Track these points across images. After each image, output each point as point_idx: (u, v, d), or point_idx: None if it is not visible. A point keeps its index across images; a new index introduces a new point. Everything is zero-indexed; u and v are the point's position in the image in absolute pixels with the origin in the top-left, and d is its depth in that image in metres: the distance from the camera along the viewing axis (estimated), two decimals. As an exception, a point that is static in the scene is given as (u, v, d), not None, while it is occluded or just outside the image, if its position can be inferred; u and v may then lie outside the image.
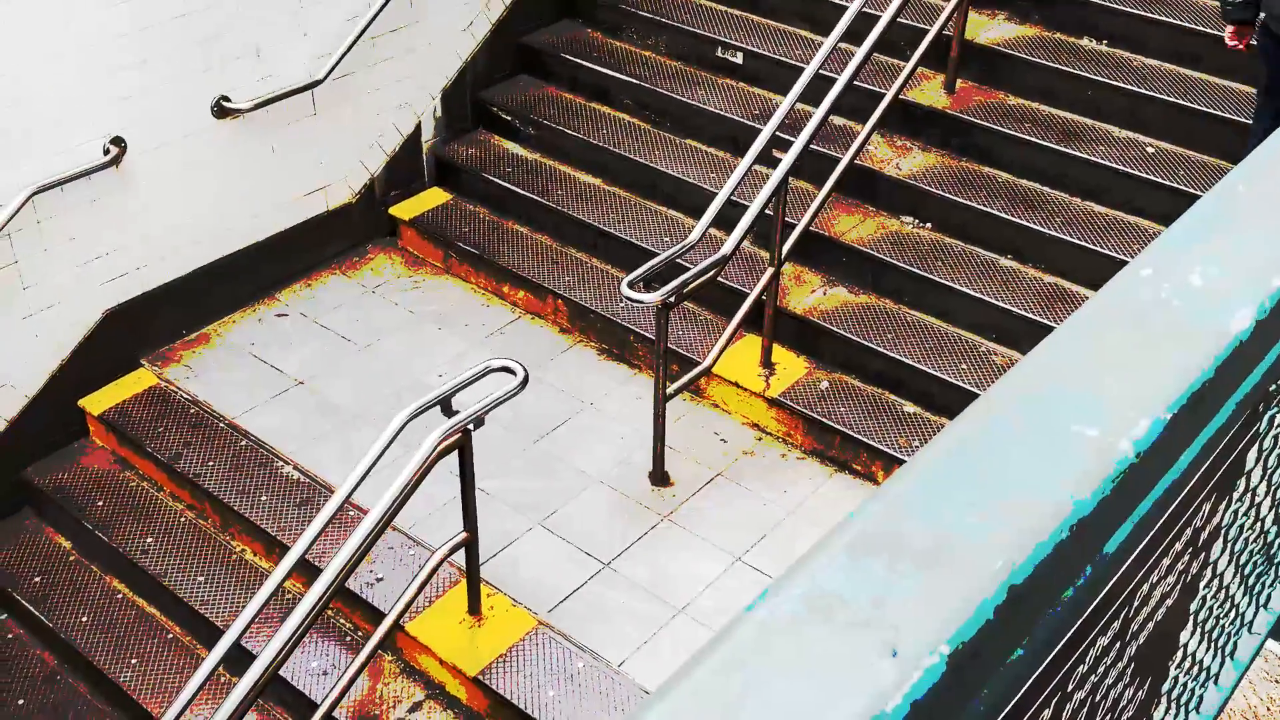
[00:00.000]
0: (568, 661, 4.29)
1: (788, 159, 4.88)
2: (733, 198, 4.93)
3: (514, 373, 4.08)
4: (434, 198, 6.46)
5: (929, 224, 5.64)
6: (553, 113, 6.50)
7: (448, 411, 3.95)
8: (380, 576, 4.58)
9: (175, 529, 5.05)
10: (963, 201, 5.53)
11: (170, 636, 4.82)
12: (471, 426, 3.95)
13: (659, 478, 4.99)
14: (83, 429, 5.46)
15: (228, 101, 5.50)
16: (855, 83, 5.22)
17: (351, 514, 4.58)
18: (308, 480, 5.02)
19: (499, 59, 6.69)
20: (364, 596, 4.52)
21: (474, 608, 4.42)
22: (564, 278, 5.88)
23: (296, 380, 5.52)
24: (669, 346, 4.86)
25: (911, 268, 5.40)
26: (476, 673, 4.26)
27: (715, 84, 6.36)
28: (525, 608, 4.47)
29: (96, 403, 5.40)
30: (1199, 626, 1.60)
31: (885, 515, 0.84)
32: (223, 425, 5.29)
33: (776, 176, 4.84)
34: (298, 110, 5.81)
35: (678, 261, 4.79)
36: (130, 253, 5.41)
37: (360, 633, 4.58)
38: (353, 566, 3.65)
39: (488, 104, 6.62)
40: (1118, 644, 1.19)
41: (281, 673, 3.88)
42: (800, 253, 5.50)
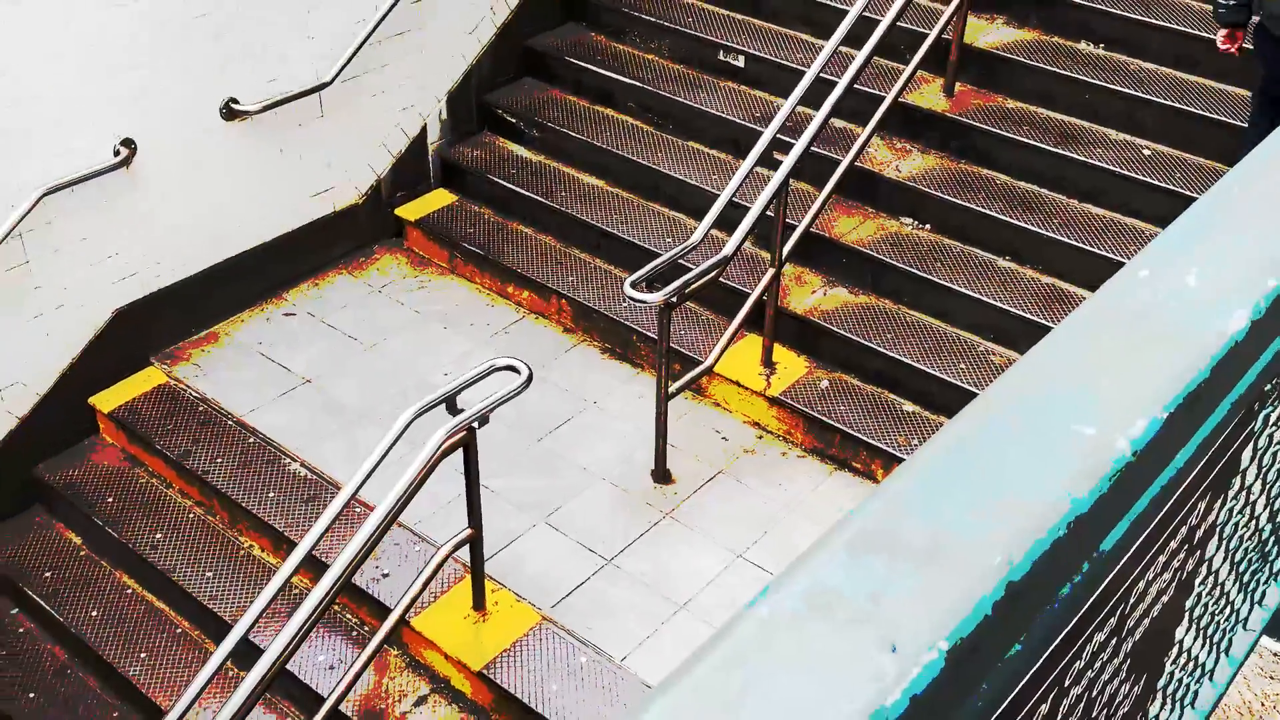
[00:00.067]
0: (571, 656, 4.29)
1: (789, 161, 4.88)
2: (734, 199, 4.93)
3: (518, 372, 4.08)
4: (439, 199, 6.46)
5: (928, 225, 5.64)
6: (557, 115, 6.49)
7: (453, 410, 3.95)
8: (386, 572, 4.58)
9: (184, 525, 5.05)
10: (961, 203, 5.52)
11: (179, 631, 4.83)
12: (476, 424, 3.95)
13: (661, 475, 4.99)
14: (93, 427, 5.47)
15: (236, 104, 5.50)
16: (855, 86, 5.22)
17: (358, 511, 4.58)
18: (315, 477, 5.03)
19: (504, 62, 6.69)
20: (370, 592, 4.52)
21: (479, 603, 4.42)
22: (568, 278, 5.88)
23: (304, 379, 5.52)
24: (671, 346, 4.87)
25: (911, 268, 5.40)
26: (481, 667, 4.26)
27: (717, 87, 6.35)
28: (529, 603, 4.47)
29: (106, 401, 5.41)
30: (1194, 623, 1.60)
31: (884, 513, 0.84)
32: (231, 423, 5.29)
33: (777, 178, 4.84)
34: (305, 112, 5.81)
35: (680, 262, 4.79)
36: (140, 252, 5.41)
37: (366, 628, 4.58)
38: (359, 562, 3.66)
39: (493, 106, 6.62)
40: (1114, 640, 1.19)
41: (289, 667, 3.89)
42: (801, 254, 5.50)
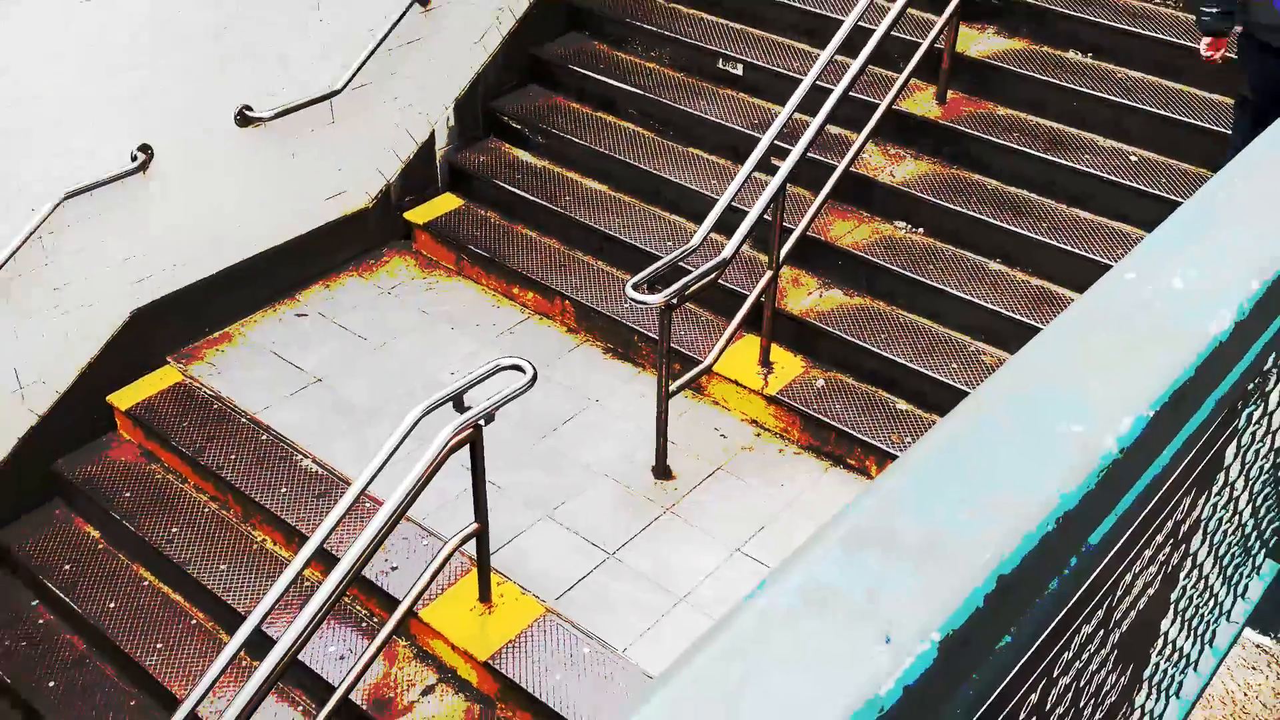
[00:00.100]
0: (574, 647, 4.29)
1: (786, 166, 4.88)
2: (733, 204, 4.93)
3: (523, 371, 4.08)
4: (447, 203, 6.46)
5: (921, 229, 5.64)
6: (561, 122, 6.50)
7: (459, 408, 3.95)
8: (395, 565, 4.58)
9: (199, 519, 5.06)
10: (954, 208, 5.52)
11: (194, 622, 4.83)
12: (482, 422, 3.95)
13: (661, 472, 4.99)
14: (111, 423, 5.47)
15: (250, 110, 5.50)
16: (851, 94, 5.21)
17: (367, 505, 4.58)
18: (326, 473, 5.03)
19: (510, 70, 6.69)
20: (379, 584, 4.53)
21: (484, 595, 4.42)
22: (571, 280, 5.88)
23: (315, 378, 5.53)
24: (671, 346, 4.87)
25: (904, 271, 5.39)
26: (487, 657, 4.26)
27: (717, 95, 6.35)
28: (533, 596, 4.47)
29: (124, 398, 5.41)
30: (1179, 615, 1.60)
31: (879, 509, 0.84)
32: (244, 420, 5.29)
33: (775, 183, 4.84)
34: (317, 119, 5.82)
35: (680, 264, 4.79)
36: (156, 255, 5.41)
37: (376, 619, 4.58)
38: (369, 556, 3.66)
39: (499, 113, 6.63)
40: (1101, 632, 1.19)
41: (300, 657, 3.89)
42: (798, 256, 5.50)
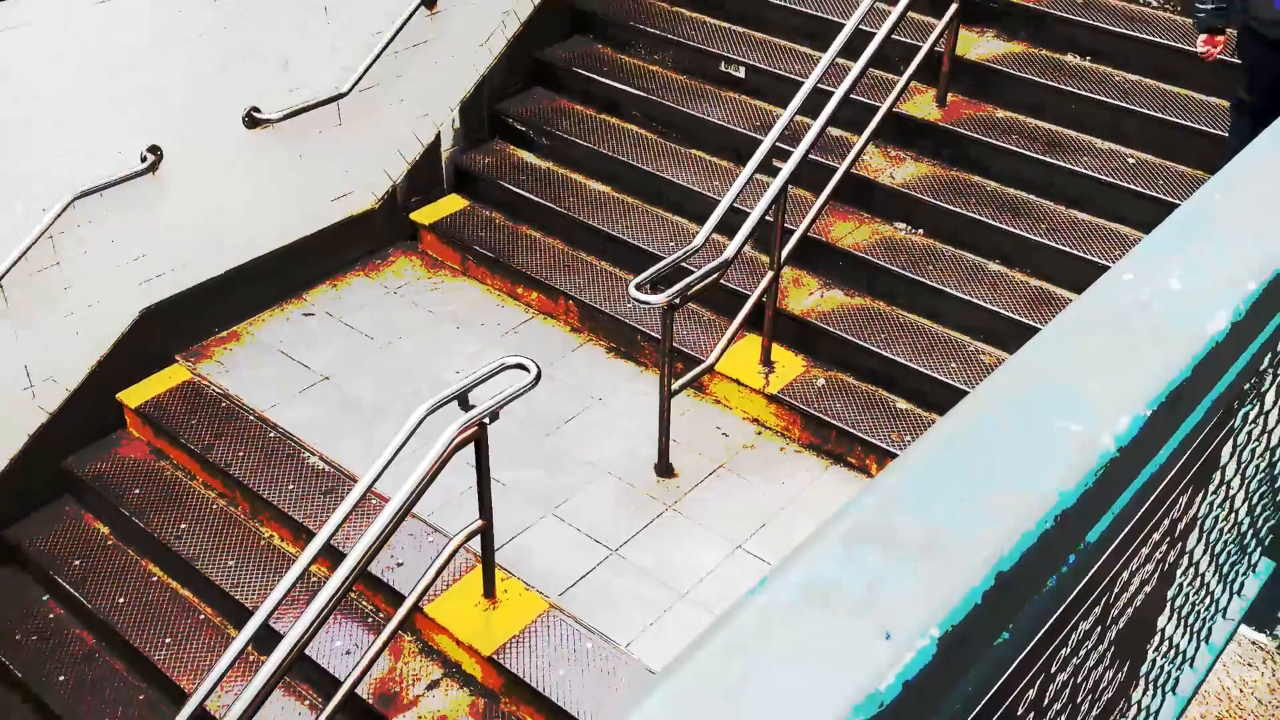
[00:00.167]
0: (577, 642, 4.29)
1: (787, 168, 4.88)
2: (735, 205, 4.93)
3: (527, 370, 4.08)
4: (452, 204, 6.46)
5: (921, 230, 5.63)
6: (565, 124, 6.49)
7: (464, 406, 3.95)
8: (400, 561, 4.58)
9: (207, 516, 5.06)
10: (953, 209, 5.52)
11: (202, 617, 4.83)
12: (487, 420, 3.95)
13: (664, 470, 4.99)
14: (120, 421, 5.48)
15: (258, 112, 5.50)
16: (851, 96, 5.21)
17: (373, 502, 4.59)
18: (332, 470, 5.03)
19: (515, 73, 6.69)
20: (385, 580, 4.53)
21: (489, 591, 4.42)
22: (575, 280, 5.88)
23: (322, 376, 5.53)
24: (674, 345, 4.86)
25: (904, 271, 5.39)
26: (491, 652, 4.26)
27: (719, 97, 6.35)
28: (537, 591, 4.47)
29: (133, 396, 5.42)
30: (1176, 612, 1.60)
31: (879, 507, 0.84)
32: (252, 418, 5.29)
33: (776, 185, 4.83)
34: (324, 121, 5.82)
35: (683, 265, 4.79)
36: (165, 254, 5.42)
37: (381, 614, 4.59)
38: (375, 552, 3.66)
39: (504, 115, 6.63)
40: (1099, 628, 1.19)
41: (307, 651, 3.89)
42: (799, 257, 5.49)
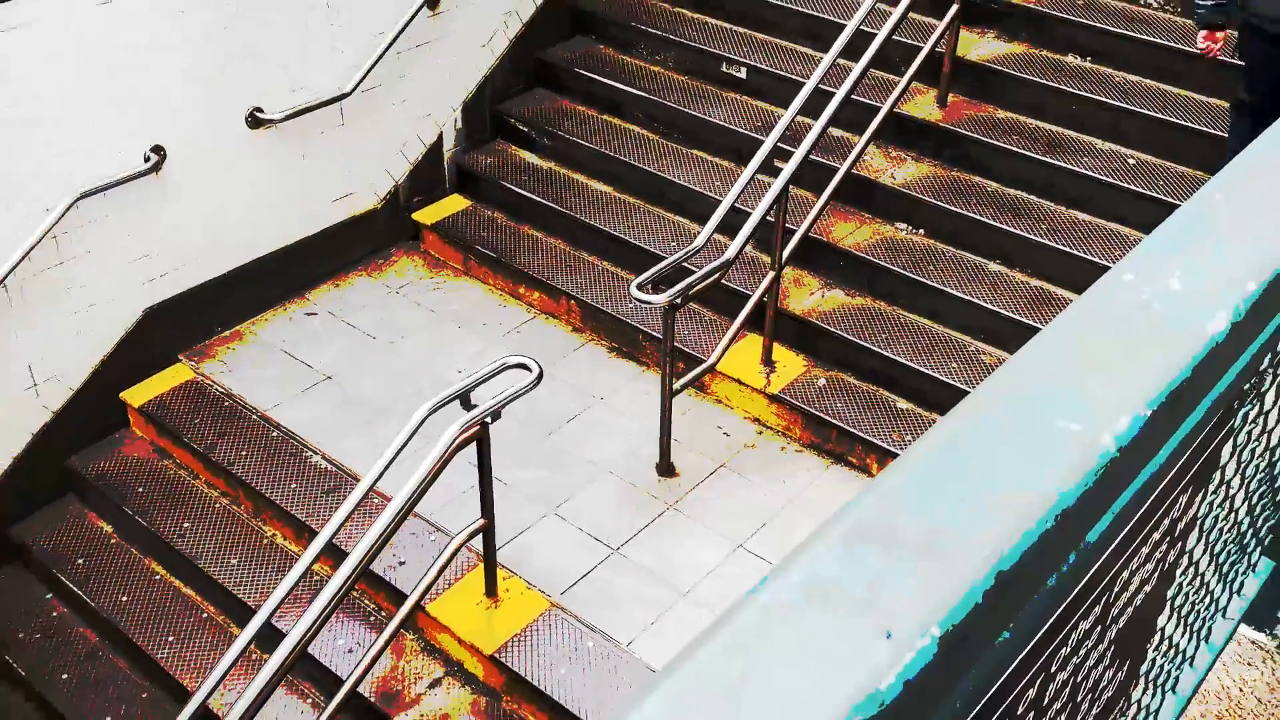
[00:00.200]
0: (578, 641, 4.29)
1: (788, 169, 4.88)
2: (736, 205, 4.93)
3: (529, 369, 4.08)
4: (455, 204, 6.46)
5: (922, 230, 5.63)
6: (567, 124, 6.49)
7: (467, 405, 3.95)
8: (403, 560, 4.58)
9: (210, 514, 5.06)
10: (954, 209, 5.52)
11: (205, 615, 4.83)
12: (489, 419, 3.95)
13: (665, 469, 4.99)
14: (123, 420, 5.48)
15: (261, 112, 5.50)
16: (853, 97, 5.21)
17: (376, 501, 4.59)
18: (335, 469, 5.03)
19: (517, 73, 6.69)
20: (387, 579, 4.53)
21: (491, 590, 4.42)
22: (577, 280, 5.88)
23: (325, 375, 5.53)
24: (675, 345, 4.86)
25: (905, 272, 5.39)
26: (493, 651, 4.26)
27: (721, 98, 6.35)
28: (539, 590, 4.47)
29: (137, 395, 5.42)
30: (1176, 612, 1.60)
31: (879, 506, 0.84)
32: (255, 417, 5.30)
33: (778, 185, 4.83)
34: (327, 121, 5.82)
35: (684, 265, 4.78)
36: (169, 254, 5.42)
37: (384, 613, 4.59)
38: (377, 551, 3.66)
39: (506, 115, 6.63)
40: (1099, 628, 1.19)
41: (310, 650, 3.89)
42: (800, 257, 5.49)
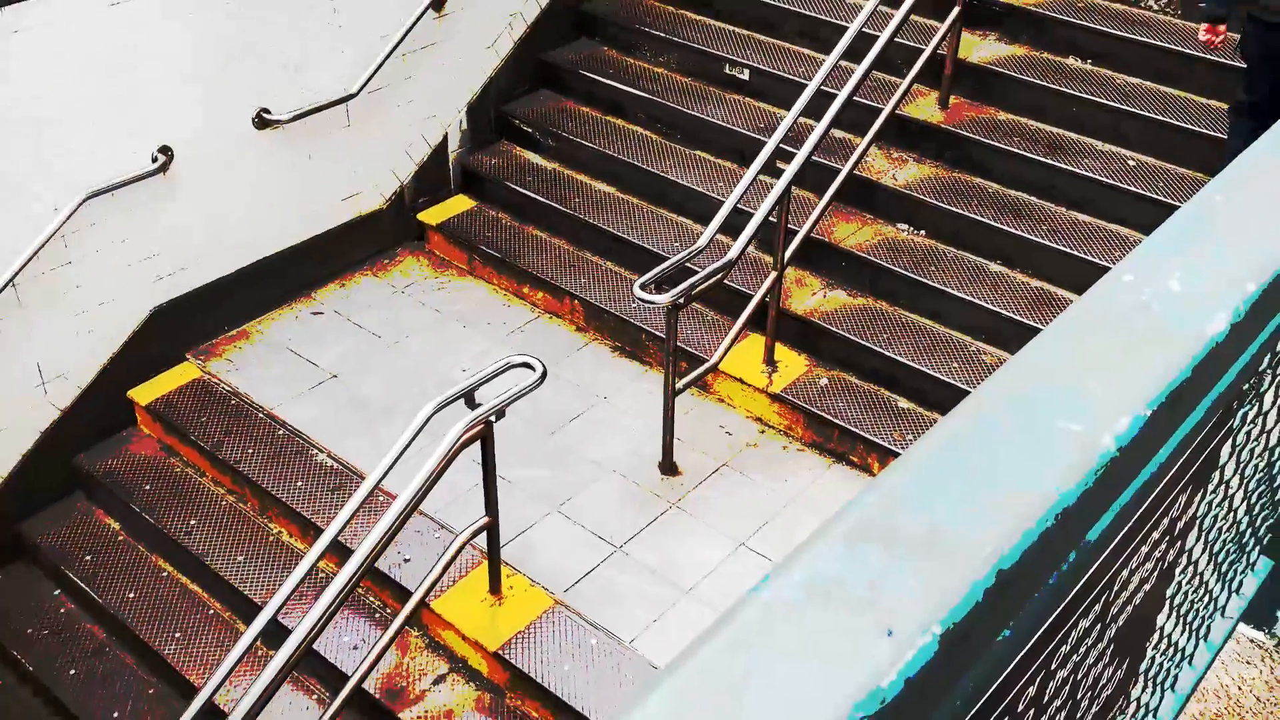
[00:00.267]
0: (582, 638, 4.29)
1: (790, 170, 4.88)
2: (739, 206, 4.93)
3: (533, 368, 4.08)
4: (459, 204, 6.47)
5: (923, 231, 5.63)
6: (571, 125, 6.50)
7: (471, 404, 3.95)
8: (407, 558, 4.59)
9: (217, 512, 5.07)
10: (955, 210, 5.51)
11: (211, 612, 4.84)
12: (493, 418, 3.95)
13: (668, 468, 4.99)
14: (131, 418, 5.48)
15: (268, 113, 5.51)
16: (854, 99, 5.20)
17: (381, 499, 4.59)
18: (340, 467, 5.03)
19: (521, 75, 6.69)
20: (392, 576, 4.53)
21: (495, 587, 4.42)
22: (580, 280, 5.88)
23: (331, 374, 5.53)
24: (678, 345, 4.86)
25: (906, 272, 5.39)
26: (497, 648, 4.27)
27: (723, 99, 6.35)
28: (542, 588, 4.48)
29: (144, 394, 5.42)
30: (1175, 610, 1.60)
31: (881, 505, 0.84)
32: (261, 416, 5.30)
33: (780, 186, 4.83)
34: (333, 122, 5.82)
35: (687, 265, 4.78)
36: (176, 254, 5.42)
37: (388, 610, 4.59)
38: (382, 548, 3.66)
39: (510, 117, 6.63)
40: (1099, 626, 1.19)
41: (315, 646, 3.89)
42: (802, 258, 5.49)
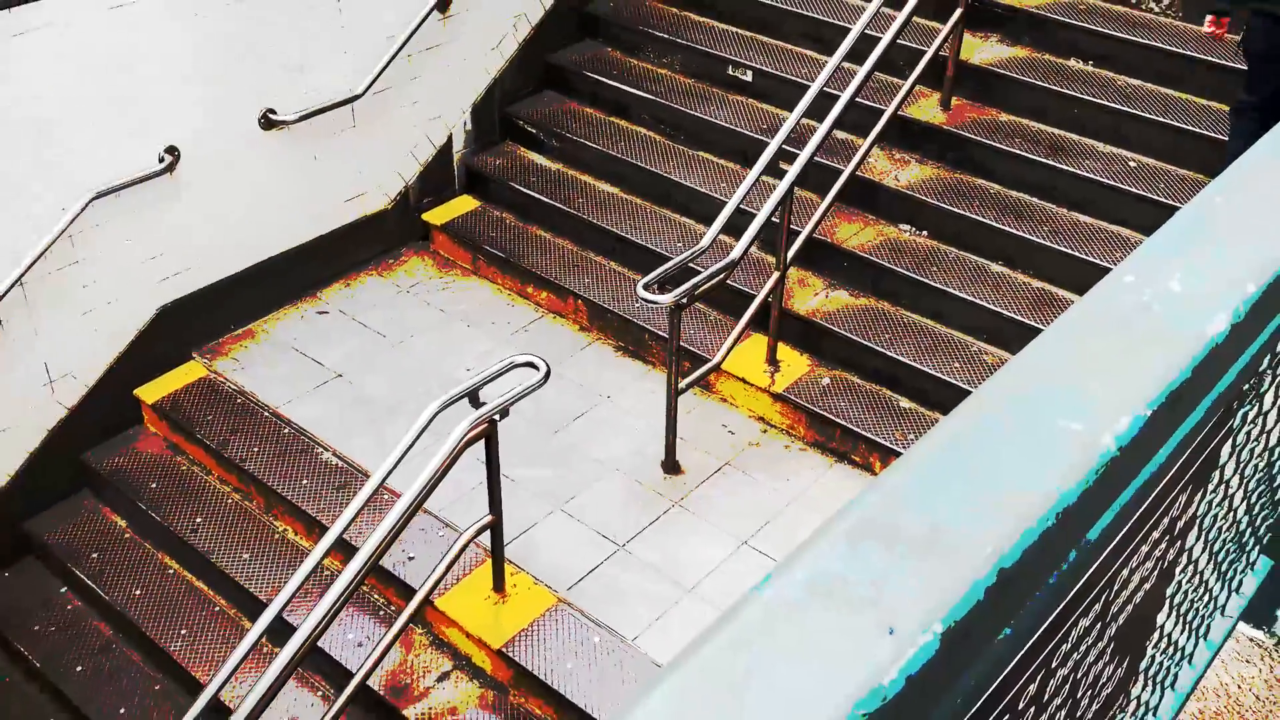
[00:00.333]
0: (585, 636, 4.29)
1: (793, 170, 4.88)
2: (741, 206, 4.93)
3: (537, 368, 4.08)
4: (464, 205, 6.47)
5: (925, 232, 5.63)
6: (575, 126, 6.50)
7: (475, 403, 3.96)
8: (412, 555, 4.59)
9: (222, 510, 5.07)
10: (957, 211, 5.51)
11: (217, 609, 4.84)
12: (497, 417, 3.95)
13: (670, 467, 4.99)
14: (137, 416, 5.49)
15: (274, 114, 5.51)
16: (857, 100, 5.20)
17: (385, 497, 4.59)
18: (345, 466, 5.04)
19: (525, 76, 6.70)
20: (396, 574, 4.53)
21: (498, 585, 4.43)
22: (584, 280, 5.88)
23: (336, 373, 5.54)
24: (681, 344, 4.86)
25: (908, 272, 5.38)
26: (500, 645, 4.27)
27: (726, 100, 6.35)
28: (546, 586, 4.48)
29: (150, 392, 5.43)
30: (1175, 609, 1.60)
31: (883, 504, 0.84)
32: (267, 414, 5.30)
33: (782, 187, 4.83)
34: (338, 123, 5.82)
35: (690, 265, 4.79)
36: (182, 254, 5.43)
37: (393, 607, 4.59)
38: (386, 546, 3.66)
39: (514, 118, 6.63)
40: (1099, 625, 1.19)
41: (320, 644, 3.90)
42: (804, 258, 5.49)
